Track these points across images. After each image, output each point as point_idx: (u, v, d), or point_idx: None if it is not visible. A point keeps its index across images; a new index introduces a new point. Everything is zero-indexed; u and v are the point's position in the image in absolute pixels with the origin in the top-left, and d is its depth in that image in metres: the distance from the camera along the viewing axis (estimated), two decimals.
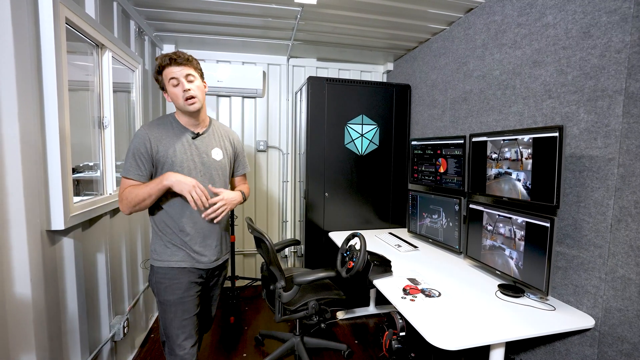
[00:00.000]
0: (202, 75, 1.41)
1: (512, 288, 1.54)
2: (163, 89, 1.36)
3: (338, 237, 2.51)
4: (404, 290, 1.55)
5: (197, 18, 2.35)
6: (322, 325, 2.04)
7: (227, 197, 1.41)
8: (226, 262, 1.59)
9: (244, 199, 1.55)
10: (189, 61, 1.33)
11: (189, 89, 1.31)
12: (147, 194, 1.28)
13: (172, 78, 1.31)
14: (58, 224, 1.33)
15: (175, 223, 1.37)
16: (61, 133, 1.33)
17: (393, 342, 1.77)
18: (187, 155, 1.37)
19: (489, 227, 1.72)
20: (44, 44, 1.27)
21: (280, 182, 3.34)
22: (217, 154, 1.46)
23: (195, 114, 1.39)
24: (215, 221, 1.40)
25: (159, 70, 1.33)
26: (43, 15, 1.26)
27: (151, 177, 1.35)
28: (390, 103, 2.85)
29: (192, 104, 1.33)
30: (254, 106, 3.23)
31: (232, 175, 1.60)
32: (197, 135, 1.42)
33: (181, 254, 1.38)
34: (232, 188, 1.63)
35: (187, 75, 1.32)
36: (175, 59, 1.30)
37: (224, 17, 2.32)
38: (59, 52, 1.32)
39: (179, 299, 1.36)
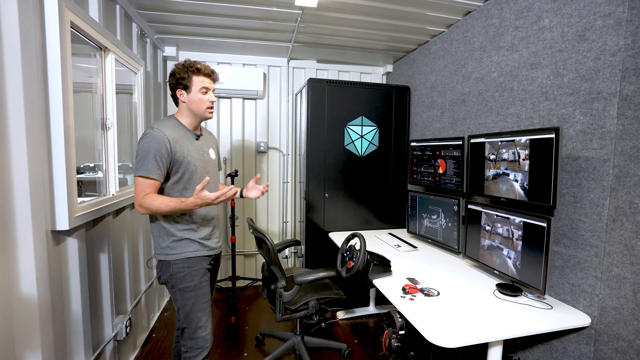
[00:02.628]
0: None
1: (510, 287, 1.57)
2: (185, 87, 1.46)
3: (338, 238, 2.53)
4: (404, 289, 1.57)
5: (198, 20, 2.37)
6: (323, 324, 2.06)
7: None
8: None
9: (241, 195, 1.78)
10: (217, 82, 1.57)
11: (214, 101, 1.53)
12: (167, 212, 1.39)
13: (205, 87, 1.48)
14: (63, 224, 1.35)
15: (189, 219, 1.50)
16: (66, 135, 1.35)
17: (392, 340, 1.79)
18: (197, 155, 1.51)
19: (487, 227, 1.75)
20: (50, 47, 1.29)
21: (281, 183, 3.36)
22: (212, 154, 1.63)
23: (201, 122, 1.57)
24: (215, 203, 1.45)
25: (194, 72, 1.45)
26: (49, 19, 1.28)
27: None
28: (389, 104, 2.87)
29: (211, 113, 1.55)
30: (254, 108, 3.25)
31: None
32: (199, 137, 1.56)
33: (194, 245, 1.51)
34: None
35: (213, 90, 1.54)
36: (214, 76, 1.52)
37: (224, 20, 2.35)
38: (64, 55, 1.34)
39: (198, 284, 1.50)
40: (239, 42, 2.78)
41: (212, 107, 1.53)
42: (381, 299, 2.80)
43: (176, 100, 1.52)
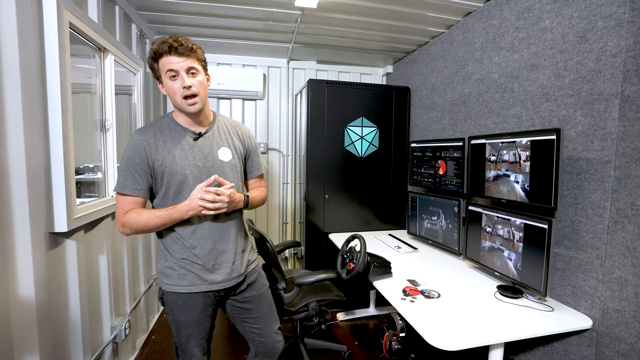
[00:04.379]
0: (205, 67, 1.22)
1: (510, 289, 1.56)
2: (158, 78, 1.18)
3: (338, 239, 2.52)
4: (404, 291, 1.56)
5: (198, 21, 2.37)
6: (323, 326, 2.05)
7: (232, 193, 1.18)
8: (252, 273, 1.39)
9: (247, 204, 1.30)
10: (192, 51, 1.13)
11: (189, 86, 1.13)
12: (159, 225, 1.17)
13: (170, 70, 1.12)
14: (61, 226, 1.34)
15: (184, 241, 1.23)
16: (64, 136, 1.34)
17: (393, 343, 1.78)
18: (189, 160, 1.20)
19: (488, 229, 1.74)
20: (48, 48, 1.29)
21: (281, 184, 3.36)
22: (224, 154, 1.27)
23: (192, 116, 1.22)
24: (204, 212, 1.16)
25: (155, 57, 1.13)
26: (47, 20, 1.28)
27: (151, 190, 1.22)
28: (389, 105, 2.87)
29: (193, 104, 1.16)
30: (254, 108, 3.25)
31: (246, 178, 1.42)
32: (199, 135, 1.24)
33: (190, 276, 1.23)
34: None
35: (189, 68, 1.13)
36: (176, 48, 1.10)
37: (224, 21, 2.34)
38: (63, 56, 1.33)
39: (195, 321, 1.25)
40: (238, 42, 2.78)
41: (190, 96, 1.14)
42: (381, 301, 2.79)
43: None
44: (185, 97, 1.14)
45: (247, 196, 1.31)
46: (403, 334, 1.80)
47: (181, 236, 1.23)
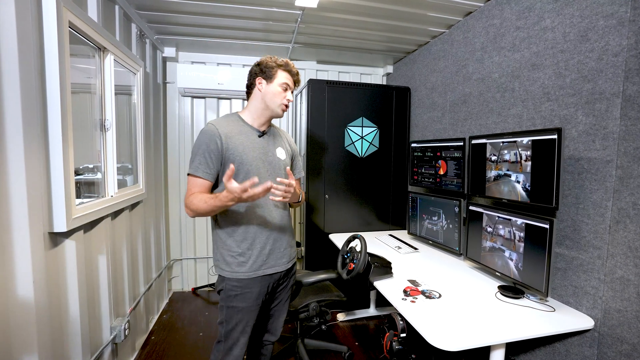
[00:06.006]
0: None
1: (512, 289, 1.55)
2: (267, 77, 1.39)
3: (338, 239, 2.51)
4: (405, 291, 1.55)
5: (198, 21, 2.37)
6: (323, 326, 2.05)
7: (296, 186, 1.38)
8: (294, 266, 1.55)
9: (299, 200, 1.51)
10: (298, 80, 1.48)
11: (291, 100, 1.44)
12: (214, 209, 1.26)
13: (286, 83, 1.40)
14: (60, 226, 1.33)
15: (243, 229, 1.35)
16: (64, 136, 1.34)
17: (394, 343, 1.78)
18: (256, 153, 1.37)
19: (489, 229, 1.73)
20: (48, 48, 1.28)
21: None
22: (281, 153, 1.47)
23: (270, 118, 1.44)
24: (272, 197, 1.26)
25: (281, 66, 1.39)
26: (47, 20, 1.27)
27: (217, 175, 1.34)
28: (390, 105, 2.86)
29: (284, 111, 1.43)
30: None
31: None
32: (263, 133, 1.43)
33: (249, 263, 1.36)
34: None
35: (292, 92, 1.46)
36: (296, 74, 1.44)
37: (225, 21, 2.34)
38: (62, 56, 1.33)
39: (247, 307, 1.37)
40: (239, 42, 2.77)
41: (286, 106, 1.43)
42: (382, 301, 2.78)
43: (249, 92, 1.44)
44: (284, 105, 1.42)
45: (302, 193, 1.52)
46: (404, 335, 1.79)
47: (238, 224, 1.35)
